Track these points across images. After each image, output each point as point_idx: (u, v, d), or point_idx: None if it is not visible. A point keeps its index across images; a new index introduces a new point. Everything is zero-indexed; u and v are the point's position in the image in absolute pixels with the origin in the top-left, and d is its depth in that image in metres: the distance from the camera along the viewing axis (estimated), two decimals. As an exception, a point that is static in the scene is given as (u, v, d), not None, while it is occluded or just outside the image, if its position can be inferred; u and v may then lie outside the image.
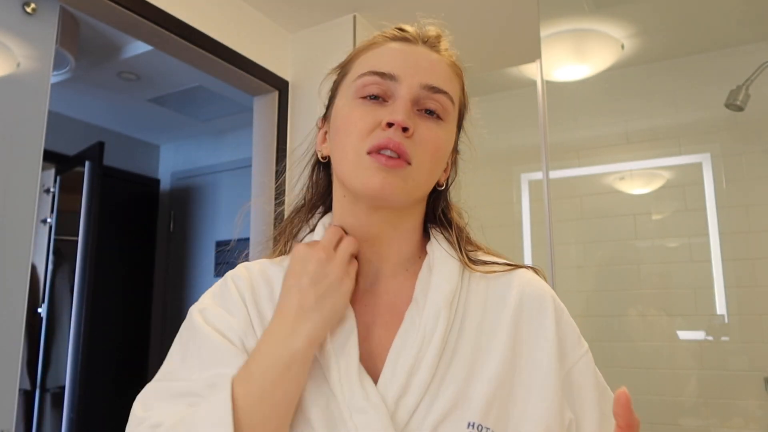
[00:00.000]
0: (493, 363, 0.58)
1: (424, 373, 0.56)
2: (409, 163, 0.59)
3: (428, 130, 0.61)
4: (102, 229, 2.80)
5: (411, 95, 0.60)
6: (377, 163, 0.58)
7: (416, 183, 0.60)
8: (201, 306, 0.64)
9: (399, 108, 0.59)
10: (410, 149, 0.59)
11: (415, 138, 0.59)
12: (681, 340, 2.28)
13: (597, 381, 0.62)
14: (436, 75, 0.62)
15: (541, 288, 0.65)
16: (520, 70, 2.48)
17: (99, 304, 2.88)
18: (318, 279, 0.58)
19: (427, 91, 0.61)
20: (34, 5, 1.55)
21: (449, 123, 0.64)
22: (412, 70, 0.61)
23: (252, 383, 0.53)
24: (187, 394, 0.56)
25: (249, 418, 0.51)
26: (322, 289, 0.57)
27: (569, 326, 0.63)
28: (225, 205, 3.48)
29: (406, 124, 0.58)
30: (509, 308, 0.62)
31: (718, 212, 2.22)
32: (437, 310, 0.59)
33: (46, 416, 2.82)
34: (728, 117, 2.19)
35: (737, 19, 2.25)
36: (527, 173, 2.69)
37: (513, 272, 0.66)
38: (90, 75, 2.78)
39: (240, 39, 2.06)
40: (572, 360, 0.61)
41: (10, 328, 1.46)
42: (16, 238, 1.49)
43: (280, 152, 2.21)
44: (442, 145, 0.62)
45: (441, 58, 0.65)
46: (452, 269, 0.63)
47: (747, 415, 2.09)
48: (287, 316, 0.56)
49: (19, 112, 1.52)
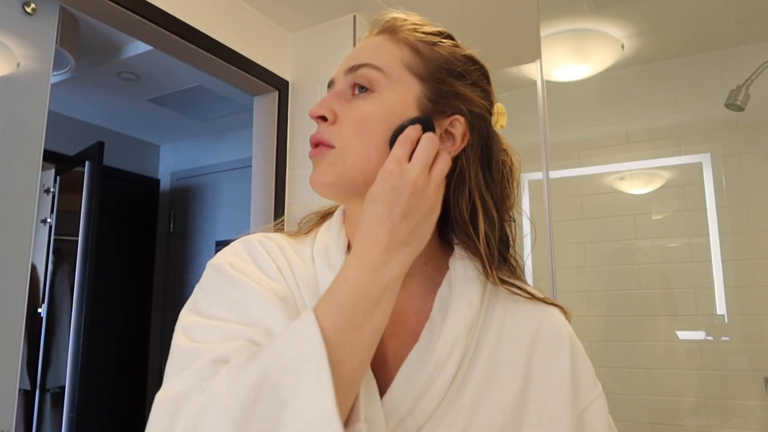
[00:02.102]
0: (504, 396, 0.56)
1: (431, 400, 0.54)
2: (332, 146, 0.59)
3: (350, 109, 0.60)
4: (102, 229, 2.80)
5: (341, 86, 0.62)
6: None
7: (349, 163, 0.58)
8: (227, 259, 0.59)
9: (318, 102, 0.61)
10: (330, 135, 0.60)
11: (340, 123, 0.60)
12: (681, 340, 2.28)
13: (609, 426, 0.60)
14: (358, 54, 0.62)
15: (560, 324, 0.62)
16: (520, 70, 2.48)
17: (99, 304, 2.88)
18: (413, 212, 0.51)
19: (350, 74, 0.61)
20: (34, 5, 1.55)
21: (381, 91, 0.60)
22: (342, 65, 0.63)
23: (341, 314, 0.47)
24: (245, 338, 0.51)
25: (336, 351, 0.45)
26: (415, 221, 0.51)
27: (585, 367, 0.61)
28: (225, 205, 3.48)
29: (318, 112, 0.60)
30: (526, 341, 0.60)
31: (718, 212, 2.22)
32: (455, 337, 0.56)
33: (46, 416, 2.82)
34: (728, 117, 2.19)
35: (737, 19, 2.25)
36: (527, 173, 2.68)
37: (533, 303, 0.63)
38: (90, 75, 2.78)
39: (240, 39, 2.06)
40: (586, 402, 0.59)
41: (10, 328, 1.46)
42: (16, 238, 1.49)
43: (280, 152, 2.21)
44: (366, 116, 0.59)
45: (381, 37, 0.63)
46: (474, 294, 0.59)
47: (747, 415, 2.09)
48: (377, 246, 0.50)
49: (19, 112, 1.52)
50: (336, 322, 0.47)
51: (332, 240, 0.63)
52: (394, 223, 0.50)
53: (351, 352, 0.47)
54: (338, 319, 0.47)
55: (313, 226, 0.70)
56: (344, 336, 0.47)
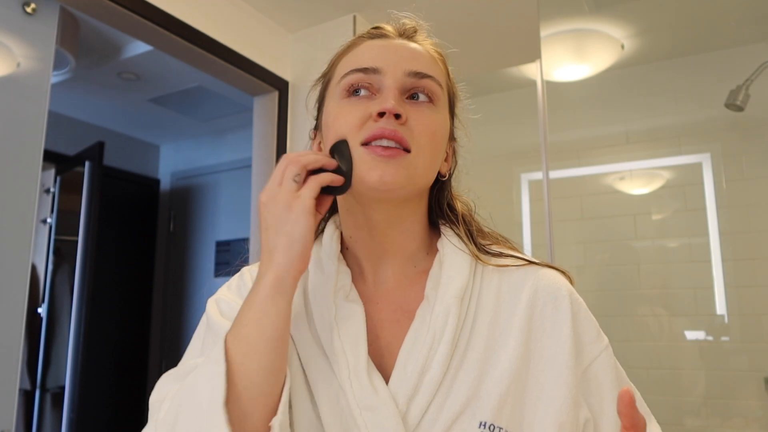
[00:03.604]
0: (506, 361, 0.57)
1: (435, 371, 0.56)
2: (408, 150, 0.58)
3: (422, 115, 0.60)
4: (102, 229, 2.80)
5: (397, 84, 0.60)
6: (373, 154, 0.57)
7: (418, 170, 0.59)
8: (216, 296, 0.66)
9: (388, 96, 0.58)
10: (407, 135, 0.58)
11: (409, 124, 0.59)
12: (681, 340, 2.28)
13: (618, 377, 0.60)
14: (419, 61, 0.62)
15: (557, 282, 0.62)
16: (520, 70, 2.49)
17: (99, 304, 2.89)
18: (269, 220, 0.55)
19: (412, 77, 0.60)
20: (34, 5, 1.55)
21: (440, 107, 0.63)
22: (394, 60, 0.61)
23: (240, 330, 0.53)
24: (192, 370, 0.56)
25: (243, 362, 0.52)
26: (274, 225, 0.55)
27: (587, 321, 0.61)
28: (225, 205, 3.48)
29: (398, 110, 0.57)
30: (523, 303, 0.60)
31: (718, 212, 2.22)
32: (447, 306, 0.58)
33: (46, 416, 2.82)
34: (728, 117, 2.19)
35: (737, 19, 2.25)
36: (527, 173, 2.69)
37: (528, 267, 0.63)
38: (90, 75, 2.78)
39: (240, 39, 2.06)
40: (590, 356, 0.59)
41: (10, 328, 1.46)
42: (16, 238, 1.49)
43: (280, 152, 2.21)
44: (438, 129, 0.61)
45: (421, 47, 0.65)
46: (462, 263, 0.62)
47: (747, 415, 2.09)
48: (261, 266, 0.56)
49: (19, 112, 1.52)
50: (238, 338, 0.53)
51: (324, 249, 0.65)
52: (264, 239, 0.56)
53: (258, 364, 0.51)
54: (239, 336, 0.53)
55: None
56: (247, 348, 0.52)
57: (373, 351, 0.59)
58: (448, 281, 0.60)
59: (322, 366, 0.58)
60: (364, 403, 0.54)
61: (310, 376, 0.59)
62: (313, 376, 0.59)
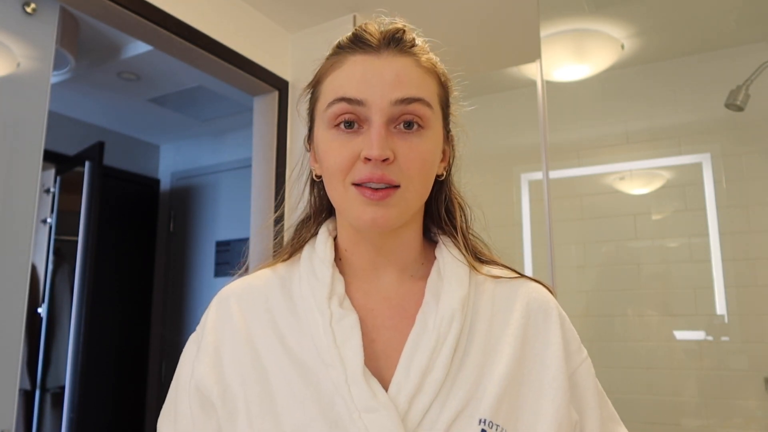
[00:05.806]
0: (503, 363, 0.60)
1: (438, 373, 0.58)
2: (398, 186, 0.59)
3: (410, 148, 0.59)
4: (102, 229, 2.80)
5: (384, 117, 0.59)
6: (363, 196, 0.58)
7: (409, 202, 0.61)
8: (183, 356, 0.67)
9: (373, 139, 0.58)
10: (395, 174, 0.58)
11: (398, 160, 0.59)
12: (681, 340, 2.28)
13: (597, 386, 0.66)
14: (405, 84, 0.60)
15: (545, 295, 0.68)
16: (520, 70, 2.49)
17: (99, 304, 2.88)
18: None
19: (399, 105, 0.59)
20: (34, 5, 1.55)
21: (431, 128, 0.62)
22: (379, 89, 0.59)
23: None
24: None
25: None
26: None
27: (571, 332, 0.67)
28: (225, 205, 3.48)
29: (383, 156, 0.57)
30: (517, 312, 0.64)
31: (718, 212, 2.22)
32: (452, 312, 0.61)
33: (46, 416, 2.82)
34: (728, 117, 2.19)
35: (737, 19, 2.25)
36: (527, 173, 2.69)
37: (518, 280, 0.68)
38: (90, 75, 2.78)
39: (240, 39, 2.06)
40: (575, 363, 0.64)
41: (10, 328, 1.46)
42: (16, 238, 1.49)
43: (280, 152, 2.21)
44: (428, 157, 0.61)
45: (408, 60, 0.62)
46: (463, 274, 0.65)
47: (747, 415, 2.09)
48: None
49: (19, 112, 1.52)
50: None
51: (318, 254, 0.67)
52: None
53: None
54: None
55: (298, 247, 0.72)
56: None
57: (368, 354, 0.59)
58: (452, 290, 0.63)
59: (310, 375, 0.59)
60: (364, 405, 0.55)
61: (278, 386, 0.59)
62: (283, 387, 0.59)
